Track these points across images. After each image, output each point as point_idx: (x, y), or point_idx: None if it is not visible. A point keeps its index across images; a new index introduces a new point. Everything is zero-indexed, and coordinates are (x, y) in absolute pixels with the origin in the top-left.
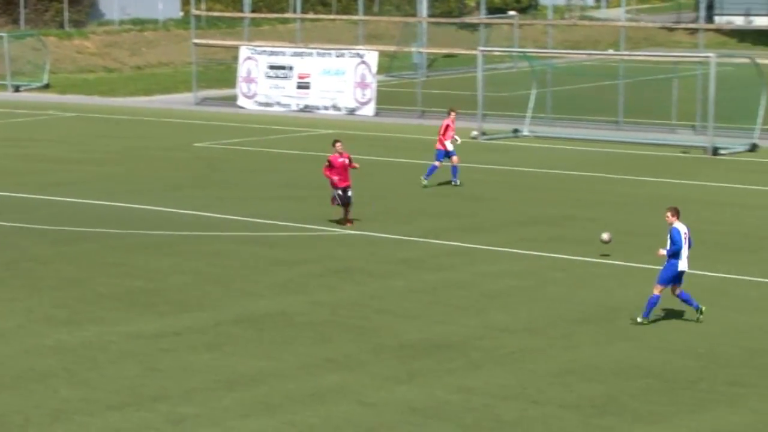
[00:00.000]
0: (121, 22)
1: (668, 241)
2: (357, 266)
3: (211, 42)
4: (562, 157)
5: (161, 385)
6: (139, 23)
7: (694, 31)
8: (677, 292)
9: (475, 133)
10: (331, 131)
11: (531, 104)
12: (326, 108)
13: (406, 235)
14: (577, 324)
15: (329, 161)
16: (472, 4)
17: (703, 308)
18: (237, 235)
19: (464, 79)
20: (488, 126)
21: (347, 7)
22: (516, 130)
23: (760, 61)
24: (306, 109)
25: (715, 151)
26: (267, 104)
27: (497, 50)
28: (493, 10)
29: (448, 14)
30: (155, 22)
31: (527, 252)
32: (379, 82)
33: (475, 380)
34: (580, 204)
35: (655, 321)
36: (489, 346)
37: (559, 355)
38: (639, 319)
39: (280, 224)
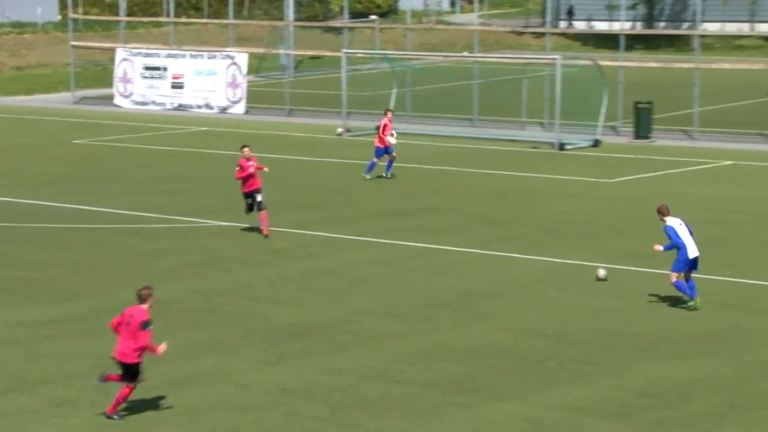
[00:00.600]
0: (1, 25)
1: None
2: (230, 256)
3: (88, 44)
4: (421, 152)
5: (43, 369)
6: (18, 26)
7: (541, 35)
8: (687, 279)
9: (340, 130)
10: (204, 128)
11: (392, 103)
12: (199, 107)
13: (276, 227)
14: (436, 308)
15: (240, 165)
16: (336, 8)
17: (698, 301)
18: (116, 228)
19: (329, 80)
20: (352, 123)
21: (218, 11)
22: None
23: (601, 62)
24: (180, 107)
25: (562, 146)
26: (143, 103)
27: (360, 52)
28: (355, 15)
29: (314, 18)
30: (34, 25)
31: (389, 241)
32: (249, 82)
33: (341, 362)
34: (439, 196)
35: (509, 303)
36: (354, 330)
37: (419, 338)
38: (690, 303)
39: (156, 217)
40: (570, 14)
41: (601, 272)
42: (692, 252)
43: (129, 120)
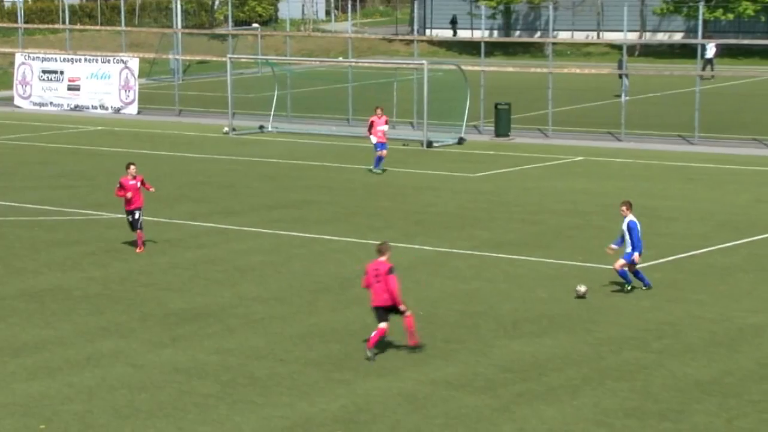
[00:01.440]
0: None
1: (626, 233)
2: (124, 246)
3: None
4: (301, 149)
5: None
6: None
7: (409, 42)
8: (631, 269)
9: (226, 129)
10: (99, 128)
11: (274, 104)
12: (95, 107)
13: (169, 218)
14: (317, 293)
15: (120, 183)
16: (221, 17)
17: (630, 287)
18: (17, 220)
19: (216, 83)
20: (237, 123)
21: (111, 19)
22: (261, 127)
23: (464, 67)
24: (77, 108)
25: (429, 144)
26: (41, 104)
27: (244, 57)
28: (239, 23)
29: (200, 26)
30: None
31: (274, 231)
32: (141, 84)
33: (231, 343)
34: (318, 190)
35: None
36: (242, 314)
37: (302, 320)
38: (631, 288)
39: (55, 210)
40: (454, 23)
41: (582, 289)
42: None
43: (28, 120)
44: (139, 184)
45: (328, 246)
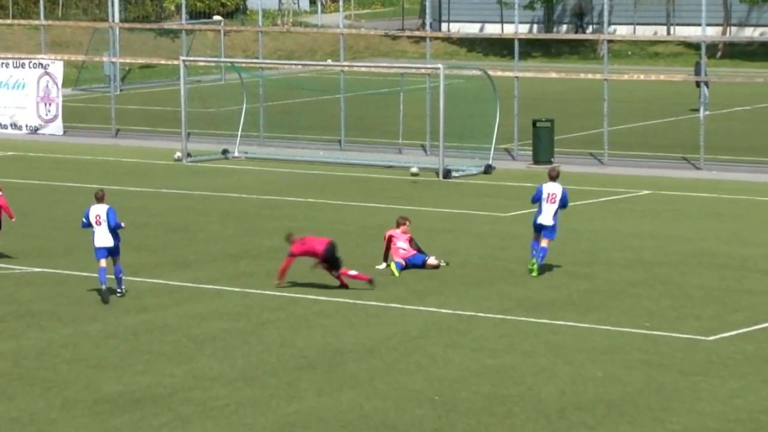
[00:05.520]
0: None
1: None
2: (43, 309)
3: None
4: (277, 180)
5: None
6: None
7: (420, 40)
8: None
9: (178, 154)
10: (10, 153)
11: (241, 121)
12: (4, 126)
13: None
14: (298, 370)
15: None
16: (172, 7)
17: (535, 266)
18: None
19: (165, 93)
20: (193, 146)
21: (25, 10)
22: (225, 151)
23: (492, 72)
24: None
25: (447, 173)
26: None
27: (202, 60)
28: (196, 15)
29: (145, 19)
30: None
31: (241, 289)
32: (65, 96)
33: None
34: (299, 233)
35: (388, 364)
36: (200, 399)
37: (279, 407)
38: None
39: None
40: None
41: (415, 169)
42: (541, 218)
43: None
44: None
45: (312, 308)
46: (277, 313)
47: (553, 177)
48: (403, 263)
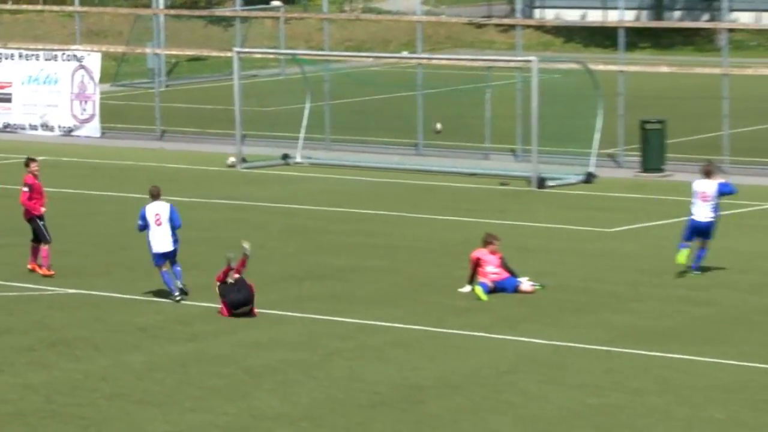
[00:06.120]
0: None
1: None
2: (78, 336)
3: None
4: (345, 190)
5: None
6: None
7: (509, 28)
8: None
9: (232, 159)
10: (42, 158)
11: (305, 122)
12: (34, 127)
13: (142, 294)
14: (371, 409)
15: (27, 183)
16: None
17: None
18: None
19: (216, 89)
20: (249, 150)
21: None
22: (286, 156)
23: (594, 66)
24: (6, 128)
25: (541, 182)
26: None
27: (258, 51)
28: (252, 1)
29: (194, 5)
30: None
31: (304, 315)
32: (103, 93)
33: None
34: (371, 252)
35: (473, 403)
36: None
37: None
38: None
39: None
40: None
41: (438, 126)
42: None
43: None
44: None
45: (386, 337)
46: (345, 342)
47: (708, 173)
48: (491, 285)
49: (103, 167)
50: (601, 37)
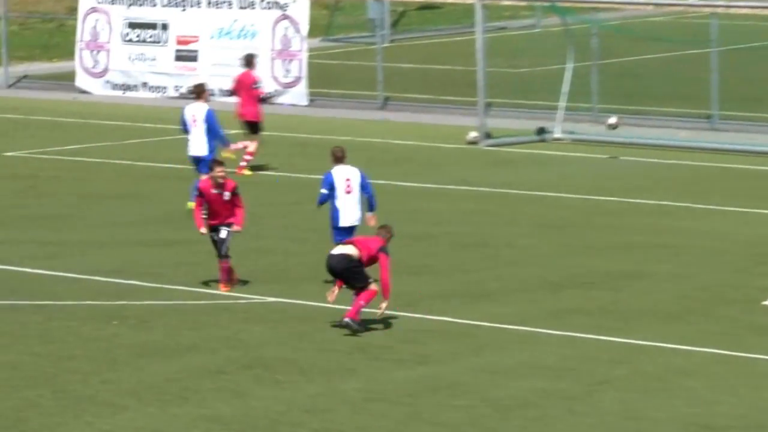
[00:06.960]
0: None
1: None
2: (279, 357)
3: None
4: (616, 174)
5: None
6: None
7: None
8: None
9: (473, 134)
10: (232, 131)
11: (565, 88)
12: (225, 93)
13: (340, 303)
14: None
15: (200, 190)
16: None
17: None
18: (79, 305)
19: (453, 45)
20: (494, 123)
21: None
22: (542, 130)
23: None
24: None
25: None
26: (126, 86)
27: None
28: None
29: None
30: None
31: (564, 333)
32: (312, 50)
33: None
34: (649, 252)
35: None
36: None
37: None
38: None
39: (148, 286)
40: None
41: (613, 119)
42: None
43: (101, 117)
44: (227, 196)
45: (671, 362)
46: (617, 368)
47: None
48: None
49: (312, 143)
50: None
